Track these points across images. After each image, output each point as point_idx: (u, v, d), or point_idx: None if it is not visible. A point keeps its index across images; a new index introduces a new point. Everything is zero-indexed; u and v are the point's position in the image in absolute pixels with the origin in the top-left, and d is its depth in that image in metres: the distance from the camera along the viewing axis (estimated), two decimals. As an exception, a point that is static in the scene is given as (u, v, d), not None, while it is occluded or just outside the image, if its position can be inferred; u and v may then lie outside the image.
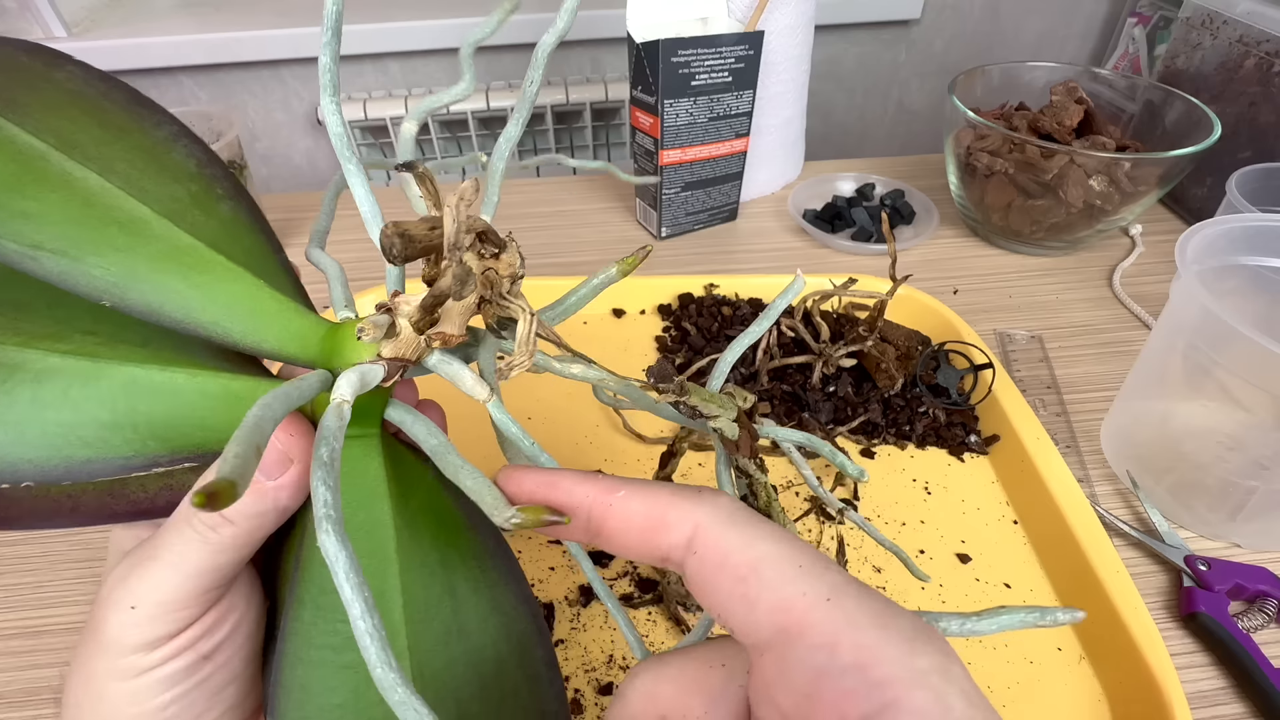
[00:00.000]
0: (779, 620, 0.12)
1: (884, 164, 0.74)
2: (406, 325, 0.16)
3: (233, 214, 0.19)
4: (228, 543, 0.17)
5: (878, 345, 0.45)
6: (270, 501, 0.17)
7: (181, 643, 0.17)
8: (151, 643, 0.16)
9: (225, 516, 0.16)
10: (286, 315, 0.18)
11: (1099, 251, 0.61)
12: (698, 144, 0.58)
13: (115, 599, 0.16)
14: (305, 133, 0.97)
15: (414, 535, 0.18)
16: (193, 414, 0.17)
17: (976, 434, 0.43)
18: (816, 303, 0.45)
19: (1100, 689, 0.32)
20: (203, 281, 0.17)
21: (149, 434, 0.17)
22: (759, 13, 0.55)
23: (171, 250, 0.17)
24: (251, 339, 0.17)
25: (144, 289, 0.16)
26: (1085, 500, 0.36)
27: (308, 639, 0.17)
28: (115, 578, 0.17)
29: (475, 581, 0.18)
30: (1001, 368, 0.43)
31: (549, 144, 0.97)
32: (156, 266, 0.16)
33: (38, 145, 0.16)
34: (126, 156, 0.17)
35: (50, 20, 0.81)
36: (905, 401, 0.44)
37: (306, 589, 0.17)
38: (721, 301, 0.52)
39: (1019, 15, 1.01)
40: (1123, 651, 0.31)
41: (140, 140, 0.18)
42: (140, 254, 0.16)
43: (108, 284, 0.16)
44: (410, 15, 0.87)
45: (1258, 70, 0.58)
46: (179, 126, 0.19)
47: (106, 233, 0.16)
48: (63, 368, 0.16)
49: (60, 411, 0.16)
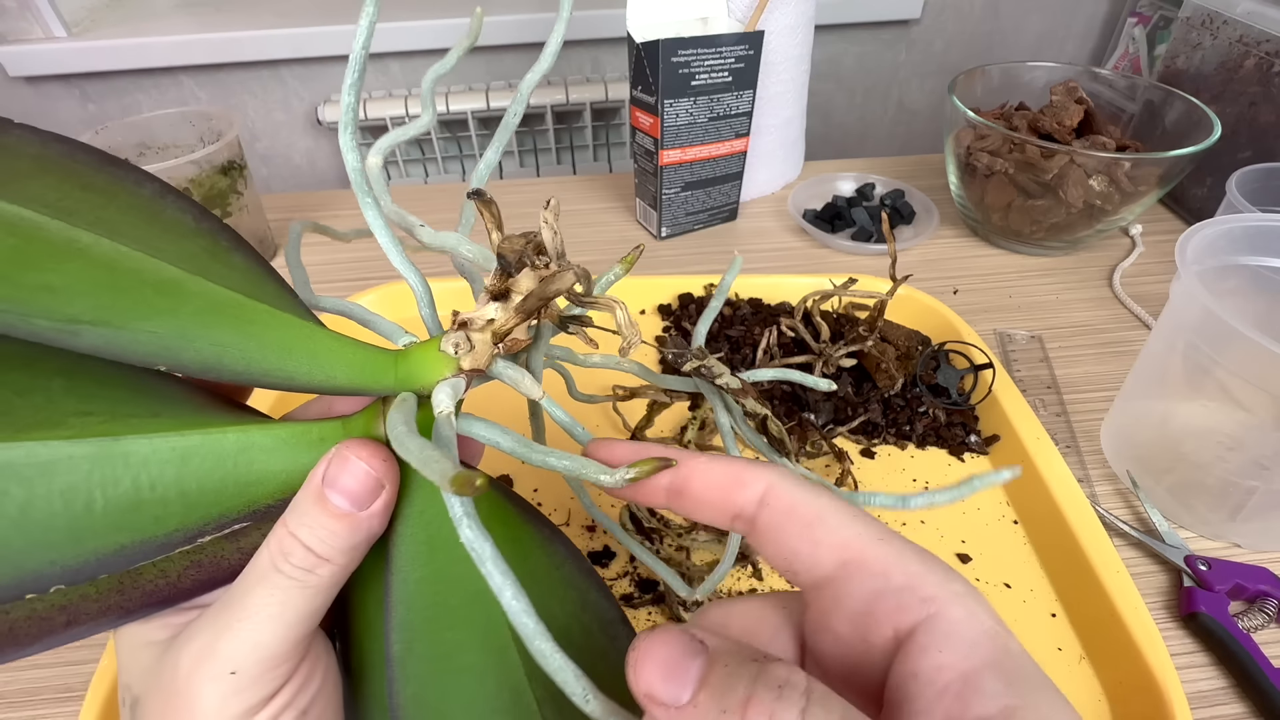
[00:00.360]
0: (841, 555, 0.14)
1: (884, 164, 0.74)
2: (482, 337, 0.17)
3: (245, 263, 0.19)
4: (326, 583, 0.16)
5: (878, 345, 0.45)
6: (364, 532, 0.17)
7: (281, 702, 0.16)
8: (254, 707, 0.16)
9: (322, 556, 0.16)
10: (346, 350, 0.18)
11: (1099, 251, 0.61)
12: (698, 144, 0.58)
13: (207, 671, 0.15)
14: (305, 133, 0.97)
15: (492, 531, 0.18)
16: (241, 471, 0.17)
17: (977, 434, 0.43)
18: (816, 303, 0.44)
19: (1100, 689, 0.32)
20: (254, 331, 0.17)
21: (195, 502, 0.16)
22: (759, 13, 0.55)
23: (212, 305, 0.16)
24: (319, 377, 0.17)
25: (199, 347, 0.16)
26: (1085, 500, 0.36)
27: (415, 656, 0.17)
28: (198, 651, 0.15)
29: (546, 564, 0.20)
30: (1001, 368, 0.43)
31: (549, 144, 0.97)
32: (204, 322, 0.16)
33: (30, 215, 0.15)
34: (125, 219, 0.17)
35: (50, 20, 0.81)
36: (905, 401, 0.44)
37: (405, 611, 0.17)
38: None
39: (1019, 15, 1.01)
40: (1123, 651, 0.31)
41: (130, 200, 0.18)
42: (184, 313, 0.16)
43: (159, 348, 0.15)
44: (410, 15, 0.87)
45: (1258, 70, 0.58)
46: (159, 183, 0.19)
47: (143, 296, 0.15)
48: (72, 453, 0.15)
49: (80, 500, 0.15)
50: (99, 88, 0.88)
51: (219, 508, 0.16)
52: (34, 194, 0.16)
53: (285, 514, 0.16)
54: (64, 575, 0.15)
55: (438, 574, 0.18)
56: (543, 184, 0.72)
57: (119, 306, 0.15)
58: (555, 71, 0.95)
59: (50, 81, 0.87)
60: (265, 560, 0.16)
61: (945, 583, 0.14)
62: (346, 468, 0.16)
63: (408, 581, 0.17)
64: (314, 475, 0.17)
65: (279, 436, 0.17)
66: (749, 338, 0.48)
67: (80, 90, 0.88)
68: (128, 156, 0.56)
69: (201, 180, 0.53)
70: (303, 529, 0.16)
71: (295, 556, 0.16)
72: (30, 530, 0.14)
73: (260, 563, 0.16)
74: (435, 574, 0.18)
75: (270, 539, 0.16)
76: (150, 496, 0.15)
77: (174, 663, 0.16)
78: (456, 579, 0.18)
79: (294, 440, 0.17)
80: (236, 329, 0.16)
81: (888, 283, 0.43)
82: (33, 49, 0.82)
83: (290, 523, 0.16)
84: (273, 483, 0.17)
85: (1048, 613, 0.35)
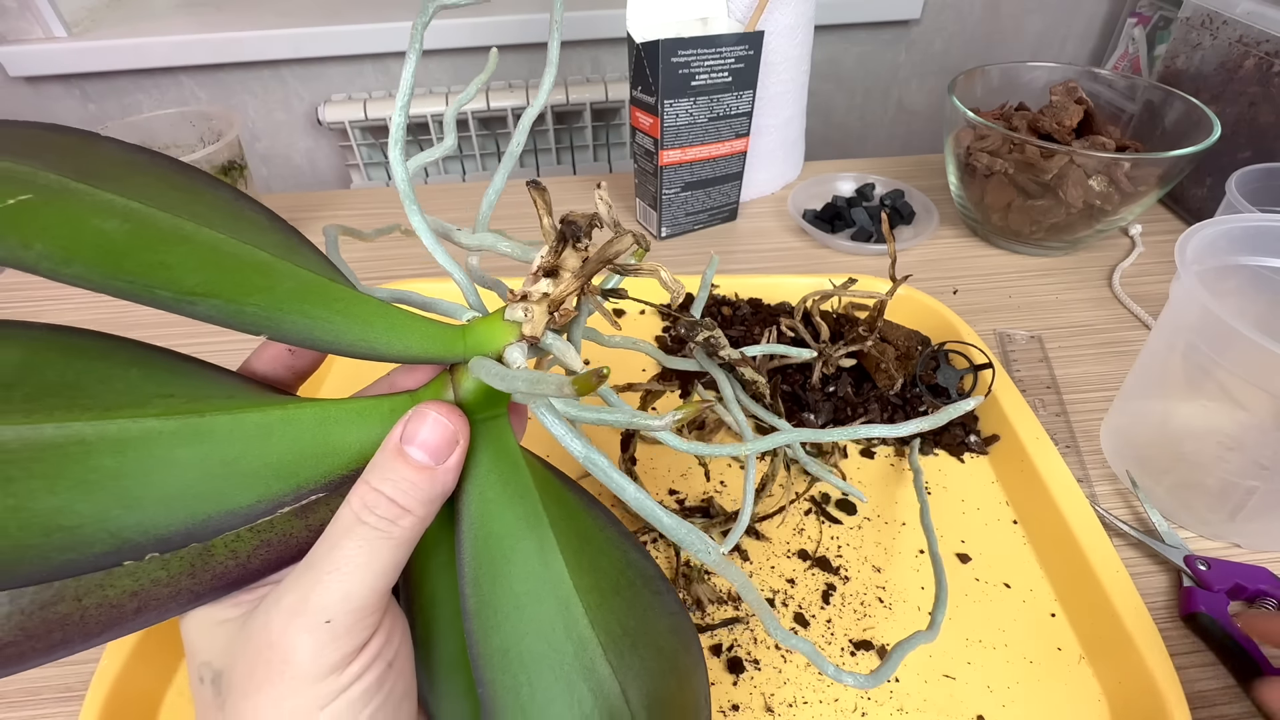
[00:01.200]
0: None
1: (884, 164, 0.74)
2: (540, 308, 0.19)
3: (315, 256, 0.21)
4: (408, 534, 0.17)
5: (877, 345, 0.45)
6: (441, 485, 0.18)
7: (371, 652, 0.17)
8: (347, 657, 0.16)
9: (404, 507, 0.17)
10: (419, 323, 0.20)
11: (1099, 251, 0.61)
12: (698, 144, 0.58)
13: (301, 624, 0.16)
14: (305, 133, 0.97)
15: (546, 495, 0.21)
16: (318, 443, 0.18)
17: (976, 434, 0.43)
18: (816, 303, 0.45)
19: (1100, 689, 0.32)
20: (339, 307, 0.18)
21: (276, 473, 0.17)
22: (759, 13, 0.55)
23: (302, 285, 0.18)
24: (398, 347, 0.19)
25: (295, 319, 0.17)
26: (1085, 500, 0.36)
27: (490, 609, 0.18)
28: (290, 607, 0.16)
29: (592, 525, 0.22)
30: (1001, 368, 0.44)
31: (549, 144, 0.97)
32: (297, 298, 0.18)
33: (138, 207, 0.16)
34: (214, 214, 0.18)
35: (50, 20, 0.81)
36: (904, 401, 0.44)
37: (477, 567, 0.18)
38: (721, 301, 0.52)
39: (1019, 15, 1.01)
40: (1122, 651, 0.31)
41: (213, 200, 0.19)
42: (279, 292, 0.17)
43: (262, 318, 0.17)
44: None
45: (1257, 70, 0.58)
46: (232, 189, 0.21)
47: (245, 275, 0.17)
48: (162, 429, 0.16)
49: (170, 472, 0.16)
50: (99, 88, 0.88)
51: (298, 479, 0.17)
52: (136, 190, 0.17)
53: (365, 473, 0.17)
54: (157, 544, 0.16)
55: (507, 530, 0.19)
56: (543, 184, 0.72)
57: (226, 282, 0.16)
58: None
59: (50, 81, 0.87)
60: (349, 516, 0.17)
61: None
62: (425, 423, 0.18)
63: (478, 538, 0.19)
64: (392, 435, 0.18)
65: (352, 410, 0.19)
66: (749, 338, 0.48)
67: (80, 90, 0.88)
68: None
69: (202, 180, 0.53)
70: (386, 483, 0.17)
71: (380, 508, 0.17)
72: (125, 500, 0.15)
73: (344, 519, 0.17)
74: (505, 530, 0.19)
75: (352, 497, 0.17)
76: (234, 469, 0.17)
77: (263, 624, 0.16)
78: (523, 535, 0.19)
79: (367, 412, 0.19)
80: (324, 305, 0.18)
81: (888, 283, 0.43)
82: (33, 49, 0.82)
83: (373, 479, 0.17)
84: (347, 453, 0.18)
85: (1047, 613, 0.35)
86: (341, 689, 0.16)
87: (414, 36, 0.22)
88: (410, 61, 0.22)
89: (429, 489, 0.18)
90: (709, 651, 0.33)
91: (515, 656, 0.18)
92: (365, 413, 0.19)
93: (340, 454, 0.18)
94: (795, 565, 0.37)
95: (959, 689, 0.32)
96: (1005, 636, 0.34)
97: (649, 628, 0.21)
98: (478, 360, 0.19)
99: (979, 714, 0.31)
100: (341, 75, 0.92)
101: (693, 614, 0.34)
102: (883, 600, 0.35)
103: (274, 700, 0.15)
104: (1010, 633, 0.34)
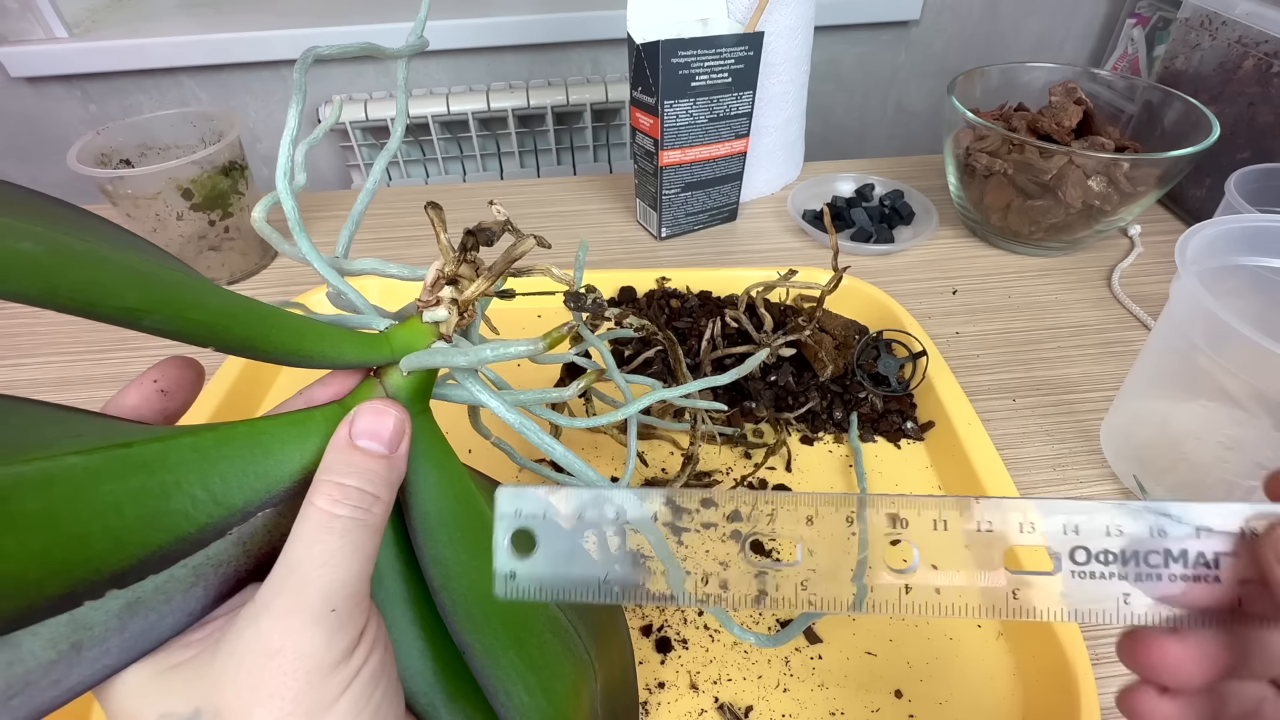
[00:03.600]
0: None
1: (883, 164, 0.74)
2: (450, 311, 0.21)
3: (223, 289, 0.22)
4: (380, 519, 0.18)
5: (815, 335, 0.45)
6: (397, 470, 0.19)
7: (370, 636, 0.17)
8: (353, 642, 0.17)
9: (374, 493, 0.18)
10: (345, 334, 0.21)
11: (1098, 252, 0.61)
12: (698, 144, 0.58)
13: (303, 620, 0.16)
14: (305, 133, 0.97)
15: (470, 479, 0.23)
16: (257, 459, 0.18)
17: (914, 421, 0.44)
18: (760, 294, 0.45)
19: (1015, 663, 0.33)
20: (273, 321, 0.19)
21: (219, 493, 0.17)
22: (759, 13, 0.55)
23: (229, 304, 0.19)
24: (332, 354, 0.20)
25: (235, 331, 0.18)
26: (1010, 482, 0.38)
27: (456, 579, 0.20)
28: (282, 611, 0.16)
29: None
30: (938, 355, 0.45)
31: (549, 145, 0.97)
32: (229, 315, 0.18)
33: (42, 231, 0.16)
34: (109, 240, 0.19)
35: (51, 20, 0.82)
36: (844, 389, 0.45)
37: (434, 546, 0.20)
38: (670, 294, 0.52)
39: (1018, 16, 1.01)
40: (1035, 628, 0.32)
41: (98, 226, 0.20)
42: (212, 307, 0.18)
43: (205, 330, 0.17)
44: (410, 15, 0.87)
45: (1256, 71, 0.58)
46: (100, 218, 0.21)
47: (176, 292, 0.17)
48: (87, 465, 0.15)
49: (108, 507, 0.15)
50: (100, 88, 0.88)
51: (243, 496, 0.18)
52: (26, 216, 0.17)
53: (322, 474, 0.18)
54: (113, 579, 0.15)
55: (457, 505, 0.21)
56: (543, 184, 0.72)
57: (161, 299, 0.16)
58: (555, 72, 0.95)
59: (51, 82, 0.87)
60: (321, 515, 0.17)
61: None
62: (377, 418, 0.19)
63: (428, 515, 0.20)
64: (339, 435, 0.19)
65: (287, 423, 0.19)
66: (695, 329, 0.48)
67: (81, 90, 0.88)
68: (129, 157, 0.56)
69: (203, 181, 0.53)
70: (351, 476, 0.18)
71: (352, 499, 0.18)
72: (66, 539, 0.15)
73: (315, 519, 0.17)
74: (454, 505, 0.21)
75: (316, 498, 0.18)
76: (176, 496, 0.17)
77: (254, 636, 0.16)
78: (466, 507, 0.21)
79: (303, 423, 0.19)
80: (257, 321, 0.19)
81: (837, 275, 0.44)
82: (34, 49, 0.82)
83: (336, 475, 0.18)
84: (289, 466, 0.19)
85: None
86: (354, 673, 0.16)
87: (297, 84, 0.23)
88: (295, 105, 0.23)
89: (390, 474, 0.19)
90: (639, 633, 0.34)
91: (485, 621, 0.20)
92: (301, 424, 0.19)
93: (282, 467, 0.19)
94: (730, 548, 0.37)
95: (879, 664, 0.33)
96: (925, 616, 0.34)
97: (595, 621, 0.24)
98: (414, 356, 0.21)
99: (897, 688, 0.32)
100: (342, 75, 0.92)
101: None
102: (811, 582, 0.36)
103: (291, 700, 0.15)
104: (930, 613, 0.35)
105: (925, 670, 0.33)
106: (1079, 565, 0.16)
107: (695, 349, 0.47)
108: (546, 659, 0.21)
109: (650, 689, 0.32)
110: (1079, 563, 0.16)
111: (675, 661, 0.33)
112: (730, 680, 0.32)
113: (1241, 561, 0.15)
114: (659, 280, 0.53)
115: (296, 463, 0.19)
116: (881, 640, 0.34)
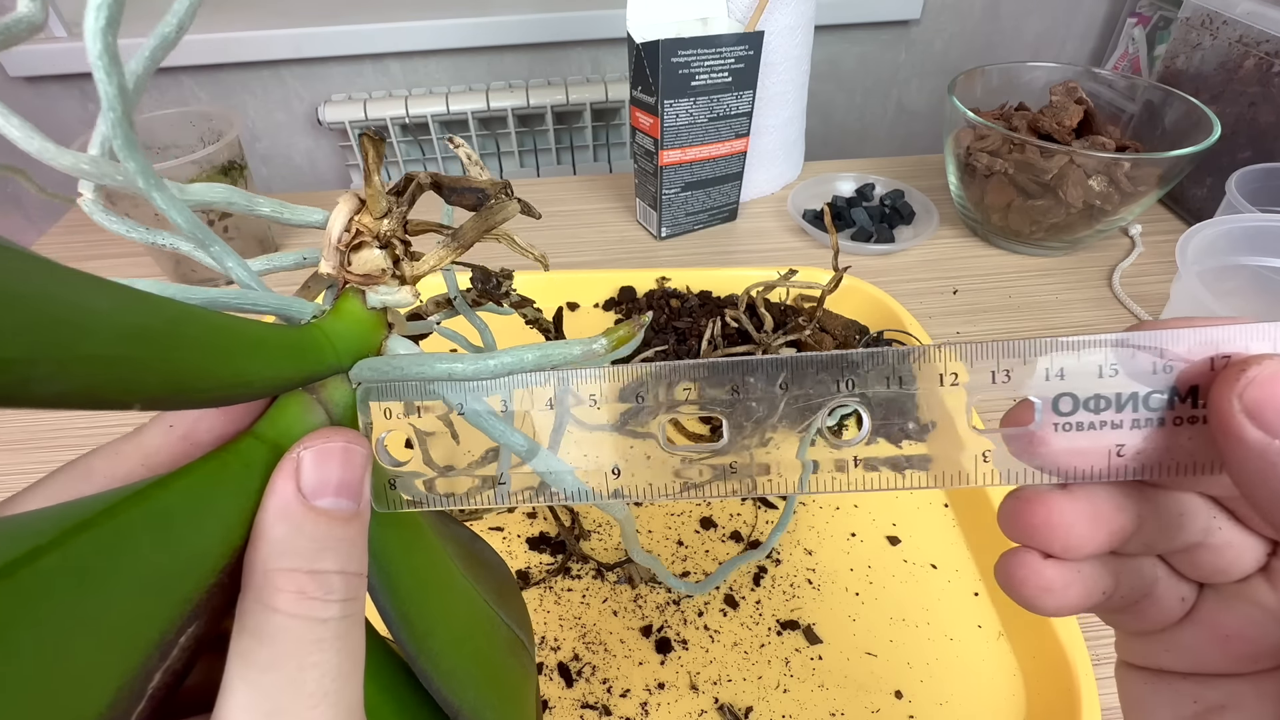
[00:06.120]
0: None
1: (884, 164, 0.74)
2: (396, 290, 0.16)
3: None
4: (364, 601, 0.14)
5: (815, 334, 0.45)
6: (367, 520, 0.14)
7: None
8: None
9: (357, 572, 0.13)
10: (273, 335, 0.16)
11: (1099, 251, 0.61)
12: (698, 144, 0.58)
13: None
14: (305, 133, 0.97)
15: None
16: (163, 561, 0.12)
17: (915, 421, 0.43)
18: (760, 294, 0.45)
19: (1016, 663, 0.33)
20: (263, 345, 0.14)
21: (121, 632, 0.11)
22: (759, 13, 0.55)
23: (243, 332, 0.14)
24: (269, 374, 0.13)
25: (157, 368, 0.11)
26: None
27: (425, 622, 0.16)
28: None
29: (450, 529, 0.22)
30: None
31: (549, 144, 0.97)
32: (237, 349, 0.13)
33: None
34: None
35: (51, 20, 0.81)
36: None
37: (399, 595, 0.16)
38: (670, 294, 0.52)
39: (1019, 15, 1.01)
40: (1037, 628, 0.32)
41: None
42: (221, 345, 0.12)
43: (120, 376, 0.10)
44: (410, 15, 0.87)
45: (1257, 70, 0.58)
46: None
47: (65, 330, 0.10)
48: None
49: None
50: (99, 88, 0.88)
51: (159, 627, 0.11)
52: None
53: (273, 562, 0.12)
54: None
55: (413, 548, 0.17)
56: (543, 184, 0.72)
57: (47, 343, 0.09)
58: (555, 71, 0.95)
59: (50, 81, 0.87)
60: (296, 626, 0.11)
61: None
62: (336, 460, 0.13)
63: (393, 573, 0.16)
64: (280, 497, 0.12)
65: (188, 489, 0.12)
66: (695, 329, 0.48)
67: (80, 90, 0.88)
68: (128, 156, 0.56)
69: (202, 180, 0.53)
70: (325, 557, 0.12)
71: (335, 589, 0.12)
72: None
73: (287, 629, 0.11)
74: (408, 549, 0.17)
75: (276, 602, 0.11)
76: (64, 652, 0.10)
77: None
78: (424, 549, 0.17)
79: (211, 482, 0.12)
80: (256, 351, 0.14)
81: (842, 275, 0.44)
82: (33, 49, 0.82)
83: (300, 561, 0.12)
84: (209, 559, 0.12)
85: (971, 592, 0.35)
86: None
87: None
88: None
89: (364, 539, 0.13)
90: (639, 633, 0.34)
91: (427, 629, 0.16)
92: (211, 483, 0.12)
93: (200, 563, 0.12)
94: (730, 549, 0.38)
95: (879, 665, 0.33)
96: (928, 615, 0.35)
97: (527, 620, 0.22)
98: (376, 362, 0.15)
99: (897, 689, 0.32)
100: (341, 75, 0.92)
101: (623, 589, 0.36)
102: (812, 582, 0.36)
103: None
104: (933, 611, 0.35)
105: (925, 670, 0.33)
106: (1064, 416, 0.14)
107: (695, 349, 0.47)
108: (514, 686, 0.19)
109: (650, 689, 0.32)
110: (1064, 413, 0.14)
111: (675, 662, 0.33)
112: (730, 681, 0.32)
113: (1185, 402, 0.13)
114: (659, 280, 0.53)
115: (217, 546, 0.12)
116: (882, 641, 0.34)
